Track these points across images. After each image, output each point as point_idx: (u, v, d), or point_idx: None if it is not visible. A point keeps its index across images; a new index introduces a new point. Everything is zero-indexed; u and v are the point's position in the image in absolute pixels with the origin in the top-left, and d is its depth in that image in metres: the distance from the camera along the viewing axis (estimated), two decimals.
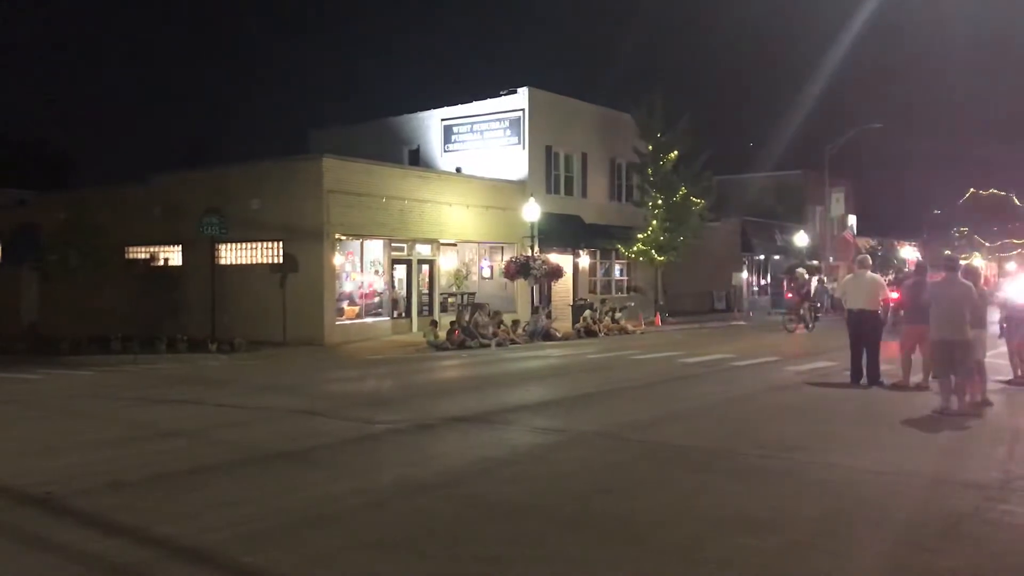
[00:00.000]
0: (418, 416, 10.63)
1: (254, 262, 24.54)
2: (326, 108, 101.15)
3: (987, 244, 66.11)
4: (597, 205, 33.62)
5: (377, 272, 25.76)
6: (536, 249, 27.32)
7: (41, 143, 50.88)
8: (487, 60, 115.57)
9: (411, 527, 5.89)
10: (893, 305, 15.01)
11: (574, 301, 30.29)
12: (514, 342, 23.56)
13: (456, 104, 32.40)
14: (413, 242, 26.30)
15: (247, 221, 23.62)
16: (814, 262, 45.56)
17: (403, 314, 26.26)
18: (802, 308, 27.79)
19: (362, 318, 24.81)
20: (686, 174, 32.28)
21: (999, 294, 13.96)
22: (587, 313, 27.52)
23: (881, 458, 7.96)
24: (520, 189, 29.43)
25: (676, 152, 31.90)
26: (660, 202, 32.13)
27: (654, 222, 32.05)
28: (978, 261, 47.82)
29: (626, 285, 35.80)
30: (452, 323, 23.23)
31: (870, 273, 13.38)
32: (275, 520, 6.08)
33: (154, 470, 7.73)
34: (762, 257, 45.49)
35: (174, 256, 26.68)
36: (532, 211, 27.15)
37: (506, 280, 28.11)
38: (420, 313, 26.45)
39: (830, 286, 41.88)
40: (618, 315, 28.74)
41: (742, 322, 34.87)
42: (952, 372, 10.25)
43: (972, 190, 67.41)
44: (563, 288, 30.82)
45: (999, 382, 12.60)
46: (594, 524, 5.98)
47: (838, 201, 49.57)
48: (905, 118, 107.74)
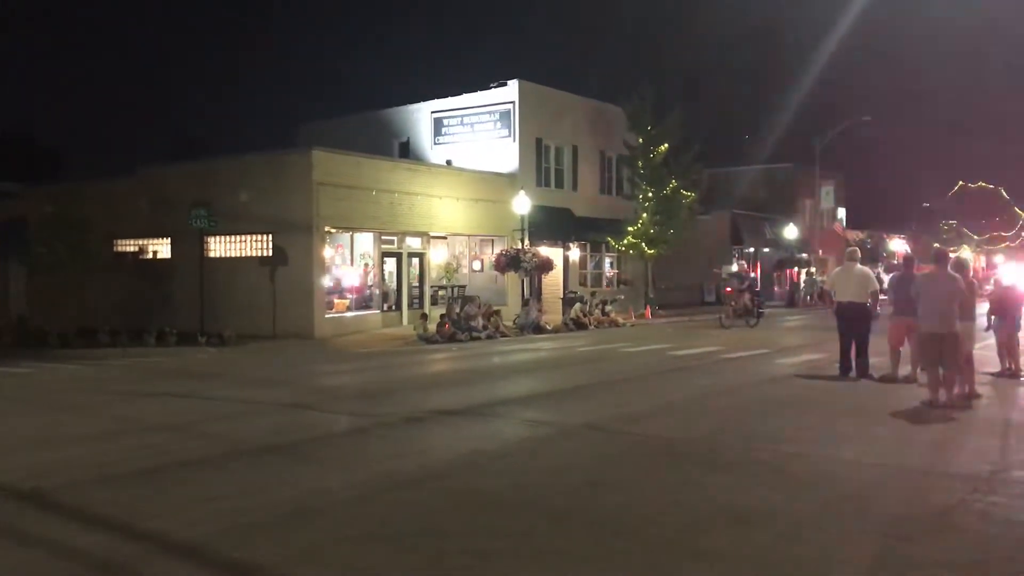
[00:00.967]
0: (407, 409, 10.61)
1: (243, 255, 24.44)
2: (316, 101, 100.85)
3: (975, 237, 66.45)
4: (587, 198, 33.61)
5: (367, 265, 25.71)
6: (526, 242, 27.30)
7: (28, 136, 50.52)
8: (477, 53, 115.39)
9: (400, 520, 5.88)
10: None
11: (564, 294, 30.30)
12: (504, 335, 23.54)
13: (446, 97, 32.30)
14: (403, 235, 26.24)
15: (236, 214, 23.51)
16: (803, 255, 45.73)
17: (393, 307, 26.22)
18: (743, 301, 26.03)
19: (352, 311, 24.76)
20: (676, 167, 32.28)
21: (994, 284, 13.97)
22: (576, 306, 27.53)
23: (869, 450, 8.00)
24: (510, 182, 29.38)
25: (666, 145, 31.90)
26: (650, 195, 32.13)
27: (644, 215, 32.07)
28: (966, 254, 48.11)
29: (616, 278, 35.83)
30: (442, 316, 23.20)
31: (859, 266, 13.42)
32: (264, 514, 6.07)
33: (142, 464, 7.70)
34: (752, 250, 45.60)
35: (163, 249, 26.54)
36: (522, 204, 27.12)
37: (496, 273, 28.10)
38: (410, 306, 26.41)
39: (819, 279, 42.09)
40: (608, 308, 28.76)
41: None
42: (940, 365, 10.30)
43: (961, 183, 67.67)
44: (553, 281, 30.82)
45: (987, 374, 12.68)
46: (584, 517, 5.99)
47: (828, 194, 49.71)
48: (895, 112, 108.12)
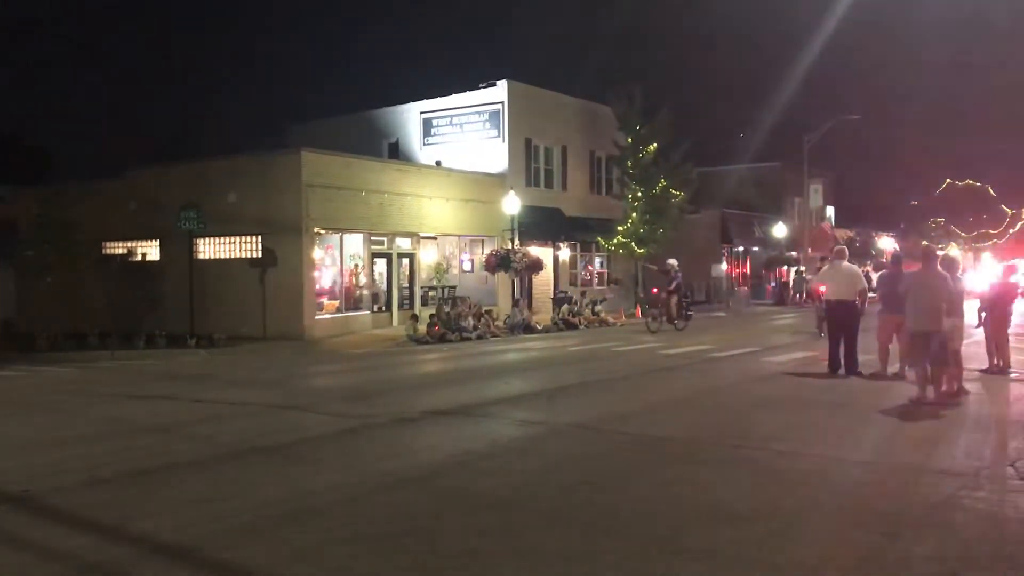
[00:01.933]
0: (398, 410, 10.61)
1: (233, 256, 24.38)
2: (305, 101, 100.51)
3: (963, 234, 66.74)
4: (577, 198, 33.66)
5: (356, 266, 25.68)
6: (516, 242, 27.32)
7: (16, 137, 50.23)
8: (466, 53, 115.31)
9: (391, 521, 5.88)
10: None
11: (555, 294, 30.33)
12: (494, 335, 23.55)
13: (435, 97, 32.32)
14: (393, 236, 26.23)
15: (225, 215, 23.46)
16: (792, 253, 45.88)
17: (383, 308, 26.21)
18: (671, 302, 24.26)
19: (342, 312, 24.73)
20: (665, 166, 32.37)
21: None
22: (565, 307, 27.58)
23: (858, 447, 8.04)
24: (500, 182, 29.40)
25: (655, 144, 31.98)
26: (640, 194, 32.21)
27: (634, 214, 32.14)
28: (954, 251, 48.25)
29: (606, 277, 35.87)
30: (431, 316, 23.19)
31: (847, 263, 13.48)
32: (254, 515, 6.05)
33: (132, 466, 7.67)
34: (741, 249, 45.74)
35: (151, 251, 26.45)
36: (512, 204, 27.14)
37: (487, 273, 28.12)
38: (401, 307, 26.41)
39: (808, 277, 42.22)
40: (598, 308, 28.81)
41: (722, 313, 35.04)
42: (928, 362, 10.35)
43: (948, 181, 68.00)
44: (544, 281, 30.86)
45: (975, 371, 12.74)
46: (574, 516, 5.99)
47: (816, 192, 49.87)
48: (882, 110, 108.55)
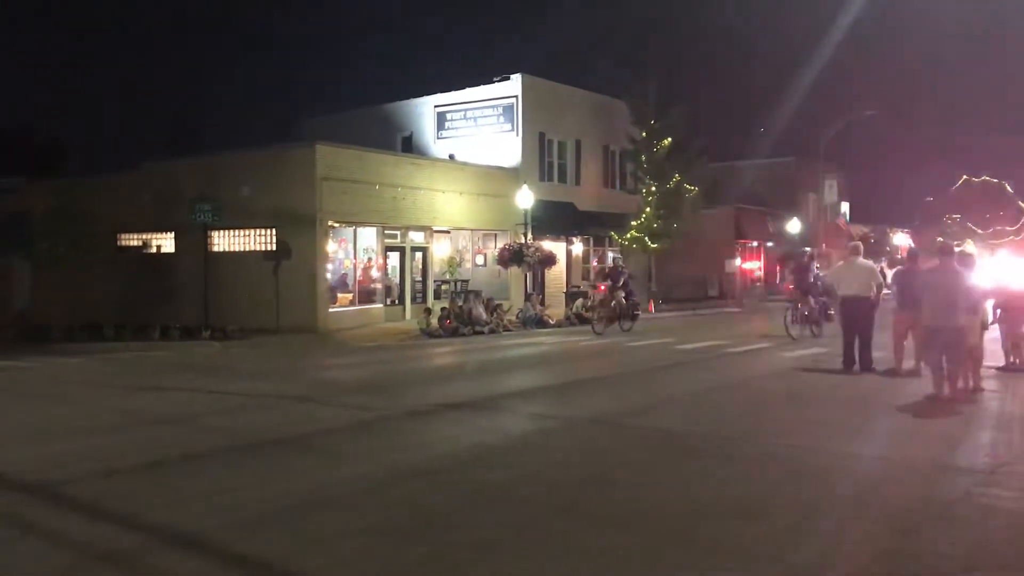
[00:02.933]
0: (412, 403, 10.62)
1: (247, 249, 24.46)
2: (320, 95, 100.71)
3: (979, 231, 66.17)
4: (591, 192, 33.59)
5: (370, 259, 25.72)
6: (529, 236, 27.28)
7: (31, 130, 50.54)
8: (480, 46, 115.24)
9: (405, 513, 5.89)
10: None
11: (567, 288, 30.29)
12: (507, 329, 23.55)
13: (449, 91, 32.29)
14: (406, 229, 26.25)
15: (240, 208, 23.52)
16: (807, 248, 45.65)
17: (396, 301, 26.24)
18: (617, 302, 22.43)
19: (355, 305, 24.78)
20: (680, 161, 32.24)
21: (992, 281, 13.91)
22: (579, 301, 27.54)
23: (874, 444, 8.01)
24: (513, 176, 29.37)
25: (669, 139, 31.86)
26: (654, 189, 32.10)
27: (647, 209, 32.04)
28: (971, 248, 47.80)
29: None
30: (443, 310, 23.22)
31: (862, 259, 13.41)
32: (268, 506, 6.08)
33: (147, 457, 7.71)
34: (756, 244, 45.56)
35: (166, 243, 26.58)
36: (525, 198, 27.10)
37: (499, 267, 28.09)
38: (413, 300, 26.43)
39: (822, 273, 42.03)
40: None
41: (736, 309, 34.93)
42: (944, 359, 10.27)
43: (965, 177, 67.36)
44: (556, 275, 30.83)
45: (992, 368, 12.65)
46: (586, 509, 5.99)
47: (831, 188, 49.60)
48: (899, 105, 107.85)
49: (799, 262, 20.56)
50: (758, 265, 45.89)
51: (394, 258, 26.36)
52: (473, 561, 4.95)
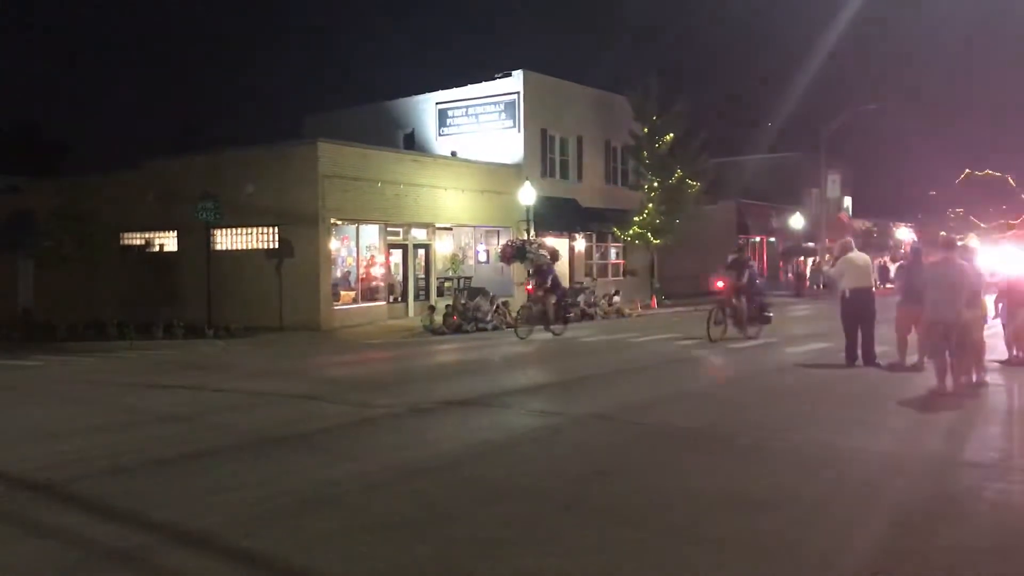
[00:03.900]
0: (415, 400, 10.64)
1: (250, 247, 24.49)
2: (321, 92, 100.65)
3: (983, 225, 66.08)
4: (593, 188, 33.58)
5: (373, 257, 25.74)
6: (532, 233, 27.29)
7: (34, 129, 50.60)
8: (481, 43, 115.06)
9: (409, 510, 5.91)
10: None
11: (570, 284, 30.28)
12: (510, 326, 23.54)
13: (451, 87, 32.29)
14: (409, 226, 26.26)
15: (242, 206, 23.55)
16: (810, 244, 45.61)
17: (399, 299, 26.26)
18: (547, 302, 19.74)
19: (358, 303, 24.80)
20: (682, 156, 32.22)
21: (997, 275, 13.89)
22: (581, 297, 27.56)
23: (877, 438, 8.00)
24: (516, 173, 29.37)
25: (672, 135, 31.84)
26: (656, 185, 32.09)
27: (650, 205, 32.03)
28: (974, 242, 47.78)
29: (622, 268, 35.81)
30: (447, 307, 23.23)
31: (859, 252, 13.43)
32: (273, 504, 6.10)
33: (152, 455, 7.74)
34: (758, 239, 45.52)
35: (169, 242, 26.61)
36: (528, 195, 27.10)
37: (502, 264, 28.10)
38: (416, 298, 26.45)
39: (824, 268, 42.00)
40: (616, 299, 28.81)
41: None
42: (948, 353, 10.27)
43: (968, 171, 67.38)
44: (559, 272, 30.75)
45: (995, 362, 12.64)
46: (591, 506, 6.00)
47: (834, 183, 49.49)
48: (901, 99, 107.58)
49: (735, 258, 18.54)
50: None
51: (397, 255, 26.38)
52: (478, 557, 4.96)
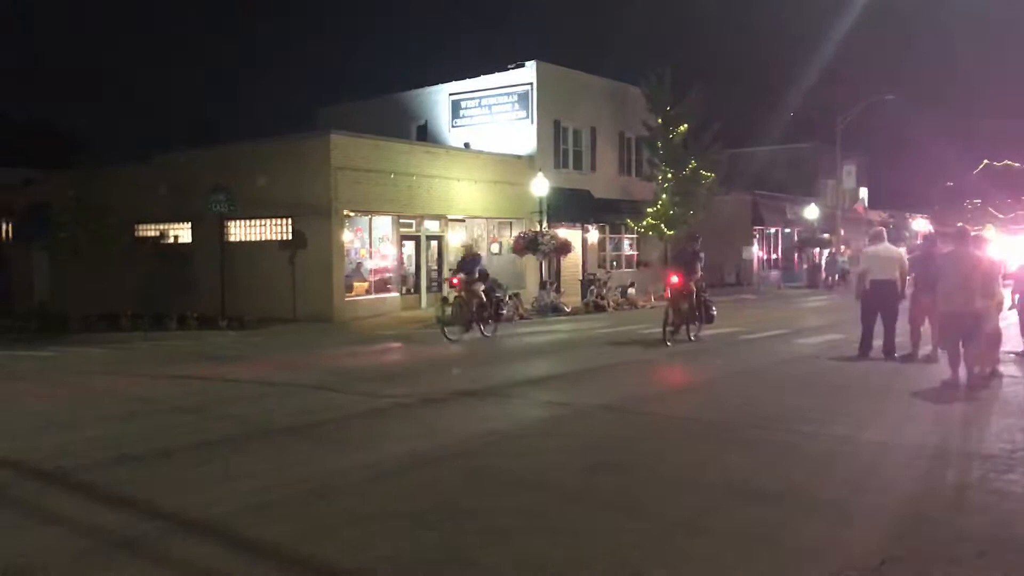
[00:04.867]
0: (426, 390, 10.66)
1: (263, 239, 24.57)
2: (333, 84, 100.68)
3: (1000, 216, 65.53)
4: (606, 179, 33.48)
5: (386, 249, 25.76)
6: (545, 224, 27.25)
7: (48, 122, 50.91)
8: (495, 34, 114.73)
9: (417, 499, 5.91)
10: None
11: (583, 276, 30.27)
12: (523, 317, 23.56)
13: (464, 79, 32.22)
14: (421, 218, 26.27)
15: (255, 198, 23.62)
16: (825, 235, 45.37)
17: (412, 290, 26.28)
18: (474, 299, 17.79)
19: (371, 294, 24.84)
20: (696, 147, 32.08)
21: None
22: (592, 288, 27.58)
23: (889, 430, 7.96)
24: (528, 164, 29.32)
25: (685, 125, 31.69)
26: (670, 176, 31.96)
27: (663, 196, 31.91)
28: (990, 232, 47.43)
29: (635, 260, 35.72)
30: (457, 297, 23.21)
31: (886, 244, 13.30)
32: (282, 493, 6.12)
33: (163, 444, 7.78)
34: (773, 231, 45.31)
35: (183, 234, 26.74)
36: (541, 186, 27.05)
37: (515, 255, 28.07)
38: (429, 289, 26.47)
39: (841, 259, 41.76)
40: (630, 290, 28.79)
41: (752, 296, 34.77)
42: (962, 344, 10.20)
43: (986, 161, 66.72)
44: (572, 263, 30.78)
45: (1010, 354, 12.55)
46: (600, 496, 5.99)
47: (849, 174, 49.20)
48: (918, 89, 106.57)
49: (683, 248, 16.00)
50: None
51: (410, 247, 26.39)
52: (484, 546, 4.96)
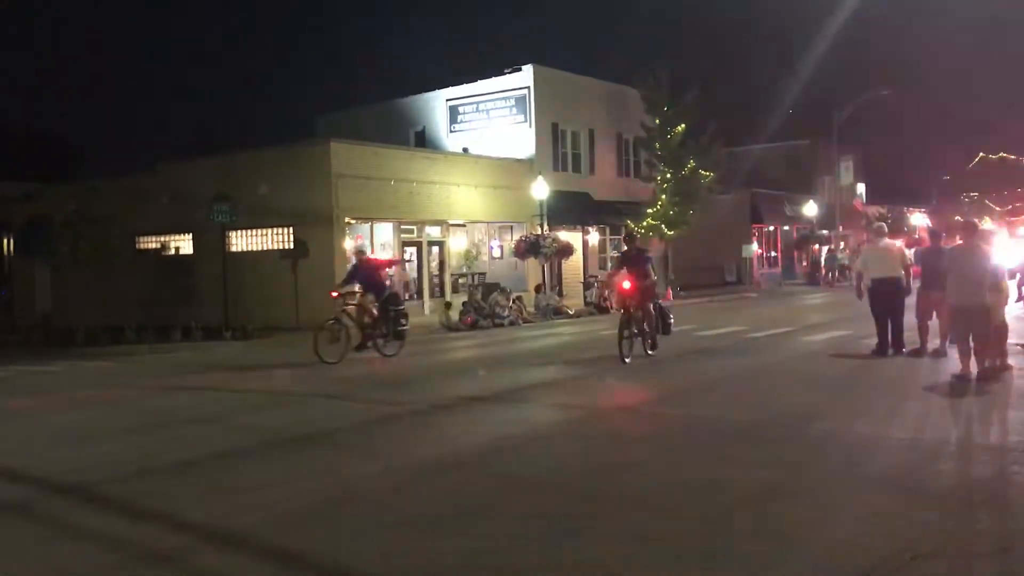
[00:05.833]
0: (437, 397, 10.68)
1: (265, 248, 24.59)
2: (331, 91, 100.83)
3: (997, 209, 65.56)
4: (605, 181, 33.52)
5: (388, 256, 25.79)
6: (545, 227, 27.29)
7: (49, 134, 50.86)
8: (491, 38, 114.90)
9: (438, 505, 5.94)
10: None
11: (584, 278, 30.30)
12: (526, 321, 23.59)
13: (461, 84, 32.27)
14: (422, 224, 26.30)
15: (257, 208, 23.63)
16: (824, 232, 45.43)
17: (414, 296, 26.30)
18: (362, 312, 15.80)
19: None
20: (694, 147, 32.14)
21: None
22: (595, 290, 27.64)
23: (904, 425, 7.99)
24: (528, 167, 29.36)
25: (683, 125, 31.75)
26: (668, 176, 32.01)
27: (663, 196, 31.96)
28: (988, 225, 47.41)
29: None
30: (463, 304, 23.29)
31: (888, 240, 13.31)
32: (303, 502, 6.15)
33: (181, 456, 7.80)
34: (772, 228, 45.36)
35: (185, 244, 26.74)
36: (540, 189, 27.09)
37: (516, 259, 28.11)
38: (432, 295, 26.50)
39: (840, 255, 41.78)
40: None
41: (753, 294, 34.82)
42: (971, 337, 10.22)
43: (981, 154, 66.73)
44: (574, 266, 30.82)
45: (1018, 346, 12.57)
46: (618, 498, 6.02)
47: (847, 170, 49.30)
48: (913, 84, 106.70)
49: (628, 250, 14.03)
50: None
51: (411, 253, 26.43)
52: (508, 551, 4.98)
